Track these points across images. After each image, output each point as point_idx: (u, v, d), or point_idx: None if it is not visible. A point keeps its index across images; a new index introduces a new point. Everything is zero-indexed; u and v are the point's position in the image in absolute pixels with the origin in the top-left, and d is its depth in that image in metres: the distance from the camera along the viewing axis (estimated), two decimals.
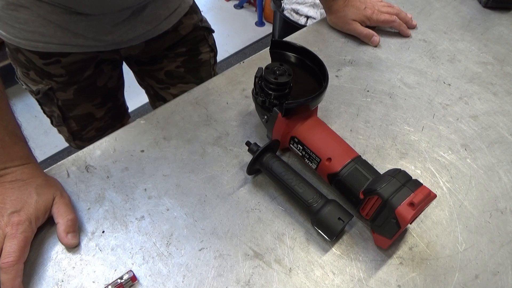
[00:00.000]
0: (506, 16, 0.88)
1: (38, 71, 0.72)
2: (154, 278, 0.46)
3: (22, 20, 0.63)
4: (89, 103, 0.81)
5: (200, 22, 0.84)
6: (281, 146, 0.56)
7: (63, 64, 0.71)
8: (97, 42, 0.69)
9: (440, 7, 0.90)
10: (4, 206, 0.44)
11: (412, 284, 0.46)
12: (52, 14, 0.63)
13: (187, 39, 0.82)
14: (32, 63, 0.71)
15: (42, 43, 0.67)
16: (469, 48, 0.79)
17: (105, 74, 0.80)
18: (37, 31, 0.65)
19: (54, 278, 0.46)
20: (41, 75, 0.73)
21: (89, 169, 0.56)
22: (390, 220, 0.44)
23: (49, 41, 0.67)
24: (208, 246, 0.49)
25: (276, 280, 0.46)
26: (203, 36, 0.85)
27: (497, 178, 0.57)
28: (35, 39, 0.66)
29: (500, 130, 0.64)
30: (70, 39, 0.67)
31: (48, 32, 0.65)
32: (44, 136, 1.81)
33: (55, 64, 0.71)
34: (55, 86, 0.74)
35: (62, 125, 0.82)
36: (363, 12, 0.78)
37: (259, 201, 0.53)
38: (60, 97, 0.76)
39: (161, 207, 0.52)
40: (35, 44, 0.67)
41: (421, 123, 0.64)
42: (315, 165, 0.52)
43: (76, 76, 0.75)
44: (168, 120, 0.62)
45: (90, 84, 0.78)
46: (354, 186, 0.48)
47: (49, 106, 0.79)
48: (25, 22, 0.64)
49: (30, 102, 1.94)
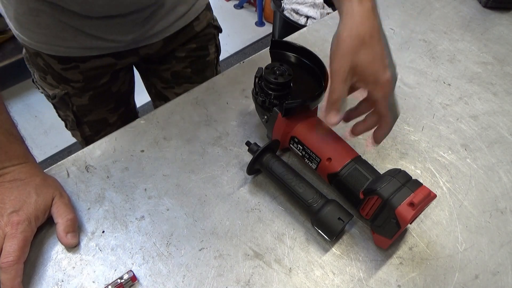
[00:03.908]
0: (506, 16, 0.88)
1: (56, 75, 0.72)
2: (154, 278, 0.46)
3: (43, 25, 0.64)
4: (103, 108, 0.81)
5: (213, 20, 0.84)
6: (281, 146, 0.56)
7: (81, 69, 0.72)
8: (117, 43, 0.70)
9: (440, 7, 0.90)
10: (4, 206, 0.44)
11: (412, 284, 0.46)
12: (72, 19, 0.63)
13: (199, 36, 0.82)
14: (51, 67, 0.71)
15: (63, 48, 0.67)
16: (469, 48, 0.79)
17: (119, 80, 0.81)
18: (58, 35, 0.65)
19: (54, 278, 0.46)
20: (58, 79, 0.73)
21: (89, 169, 0.56)
22: (390, 220, 0.44)
23: (70, 45, 0.67)
24: (208, 246, 0.49)
25: (276, 280, 0.46)
26: (213, 35, 0.85)
27: (497, 178, 0.57)
28: (57, 43, 0.66)
29: (500, 130, 0.64)
30: (91, 42, 0.67)
31: (69, 36, 0.66)
32: (44, 136, 1.80)
33: (73, 70, 0.71)
34: (71, 91, 0.74)
35: (76, 129, 0.82)
36: (356, 57, 0.45)
37: (259, 201, 0.53)
38: (75, 103, 0.77)
39: (161, 207, 0.52)
40: (56, 48, 0.67)
41: (421, 123, 0.64)
42: (315, 165, 0.52)
43: (93, 83, 0.75)
44: (168, 120, 0.62)
45: (106, 91, 0.78)
46: (354, 186, 0.48)
47: (64, 111, 0.79)
48: (47, 27, 0.64)
49: (30, 102, 1.94)
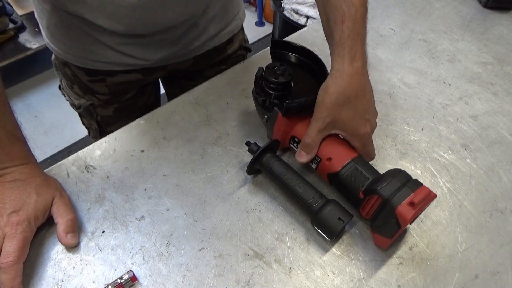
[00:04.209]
0: (506, 16, 0.88)
1: (83, 86, 0.72)
2: (154, 278, 0.46)
3: (74, 37, 0.64)
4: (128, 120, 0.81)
5: (244, 41, 0.84)
6: (281, 146, 0.56)
7: (108, 83, 0.72)
8: (146, 61, 0.69)
9: (440, 7, 0.90)
10: (4, 206, 0.44)
11: (412, 284, 0.46)
12: (101, 35, 0.63)
13: (230, 58, 0.82)
14: (78, 78, 0.71)
15: (91, 61, 0.67)
16: (469, 48, 0.79)
17: (146, 94, 0.81)
18: (87, 49, 0.65)
19: (54, 278, 0.46)
20: (84, 90, 0.73)
21: (89, 169, 0.56)
22: (390, 219, 0.44)
23: (99, 59, 0.67)
24: (208, 246, 0.49)
25: (276, 280, 0.46)
26: (242, 56, 0.85)
27: (497, 178, 0.57)
28: (85, 56, 0.67)
29: (500, 130, 0.64)
30: (120, 58, 0.67)
31: (98, 51, 0.66)
32: (44, 136, 1.80)
33: (100, 82, 0.71)
34: (96, 102, 0.75)
35: (98, 138, 0.82)
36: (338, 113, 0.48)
37: (259, 201, 0.53)
38: (100, 113, 0.77)
39: (161, 207, 0.52)
40: (84, 61, 0.68)
41: (421, 123, 0.64)
42: (315, 165, 0.52)
43: (119, 96, 0.75)
44: (168, 120, 0.62)
45: (131, 104, 0.79)
46: (354, 186, 0.48)
47: (88, 120, 0.79)
48: (77, 40, 0.64)
49: (30, 102, 1.94)
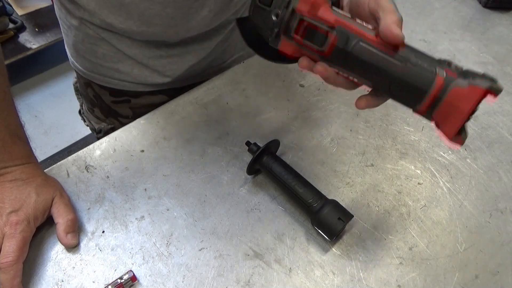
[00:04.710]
0: (506, 16, 0.88)
1: (105, 108, 0.71)
2: (154, 278, 0.46)
3: (100, 54, 0.63)
4: None
5: None
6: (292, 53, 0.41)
7: (132, 104, 0.70)
8: (174, 81, 0.67)
9: (440, 7, 0.90)
10: (3, 205, 0.45)
11: (412, 284, 0.46)
12: (131, 48, 0.62)
13: None
14: (100, 99, 0.69)
15: (116, 80, 0.66)
16: (469, 48, 0.79)
17: None
18: (113, 67, 0.64)
19: (54, 278, 0.46)
20: (106, 112, 0.71)
21: (89, 169, 0.56)
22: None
23: (124, 78, 0.66)
24: (208, 246, 0.49)
25: (276, 280, 0.46)
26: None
27: (497, 178, 0.57)
28: (110, 75, 0.65)
29: (500, 130, 0.64)
30: (146, 76, 0.66)
31: (124, 69, 0.64)
32: (44, 136, 1.80)
33: (124, 103, 0.70)
34: (118, 126, 0.72)
35: None
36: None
37: (259, 201, 0.53)
38: None
39: (161, 207, 0.52)
40: (108, 80, 0.66)
41: (421, 123, 0.64)
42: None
43: None
44: (168, 120, 0.62)
45: None
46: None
47: None
48: (103, 57, 0.63)
49: (30, 102, 1.94)
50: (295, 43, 0.39)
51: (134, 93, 0.69)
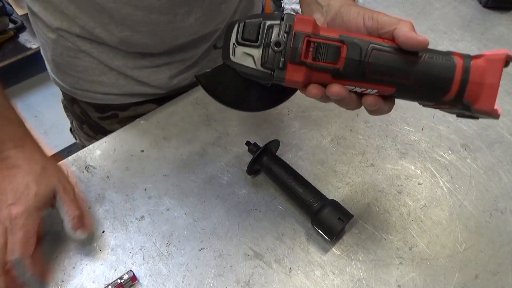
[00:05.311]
0: (506, 16, 0.88)
1: (93, 125, 0.67)
2: (154, 278, 0.46)
3: (81, 68, 0.60)
4: None
5: None
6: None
7: (120, 119, 0.67)
8: (160, 89, 0.65)
9: (440, 7, 0.90)
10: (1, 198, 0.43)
11: (412, 284, 0.46)
12: (114, 59, 0.59)
13: None
14: (87, 115, 0.66)
15: (100, 94, 0.63)
16: (469, 48, 0.79)
17: None
18: (96, 80, 0.61)
19: (54, 278, 0.46)
20: (95, 130, 0.68)
21: (89, 169, 0.56)
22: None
23: (109, 91, 0.62)
24: (208, 246, 0.49)
25: (276, 280, 0.46)
26: None
27: (497, 178, 0.57)
28: (93, 90, 0.62)
29: (500, 130, 0.64)
30: (132, 87, 0.62)
31: (108, 81, 0.61)
32: (44, 136, 1.80)
33: (111, 119, 0.67)
34: None
35: None
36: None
37: (259, 201, 0.53)
38: None
39: (161, 207, 0.52)
40: (92, 95, 0.63)
41: (421, 123, 0.64)
42: None
43: None
44: (168, 120, 0.62)
45: None
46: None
47: None
48: (84, 71, 0.60)
49: (30, 102, 1.94)
50: (306, 66, 0.36)
51: (121, 106, 0.66)
